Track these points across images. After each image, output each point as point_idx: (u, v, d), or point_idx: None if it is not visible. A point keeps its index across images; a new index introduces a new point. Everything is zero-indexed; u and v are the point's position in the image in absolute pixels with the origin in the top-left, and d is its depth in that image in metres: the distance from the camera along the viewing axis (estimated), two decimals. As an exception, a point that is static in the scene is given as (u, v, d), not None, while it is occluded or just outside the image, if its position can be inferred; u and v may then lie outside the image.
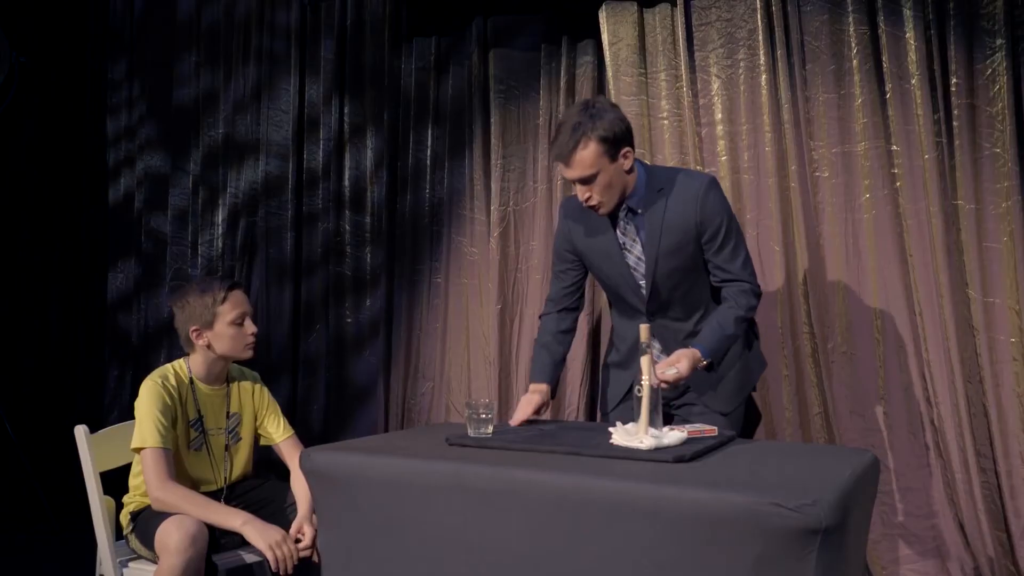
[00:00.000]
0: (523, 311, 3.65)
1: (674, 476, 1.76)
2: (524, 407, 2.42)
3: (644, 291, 2.47)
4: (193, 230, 4.28)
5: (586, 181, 2.31)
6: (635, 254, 2.45)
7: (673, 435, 2.00)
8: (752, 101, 3.29)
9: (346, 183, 4.07)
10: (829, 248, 3.20)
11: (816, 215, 3.22)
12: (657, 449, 1.93)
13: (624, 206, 2.42)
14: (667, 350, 2.44)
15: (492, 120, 3.71)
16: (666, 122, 3.40)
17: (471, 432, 2.17)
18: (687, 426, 2.13)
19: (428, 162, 3.90)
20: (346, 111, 4.08)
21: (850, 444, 3.09)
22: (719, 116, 3.33)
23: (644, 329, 2.03)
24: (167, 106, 4.38)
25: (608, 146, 2.27)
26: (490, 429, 2.17)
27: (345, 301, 4.04)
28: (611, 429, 2.06)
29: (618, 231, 2.46)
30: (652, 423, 2.00)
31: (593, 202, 2.35)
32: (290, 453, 2.69)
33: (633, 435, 1.99)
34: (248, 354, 2.61)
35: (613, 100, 3.41)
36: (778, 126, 3.24)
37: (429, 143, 3.91)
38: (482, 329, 3.72)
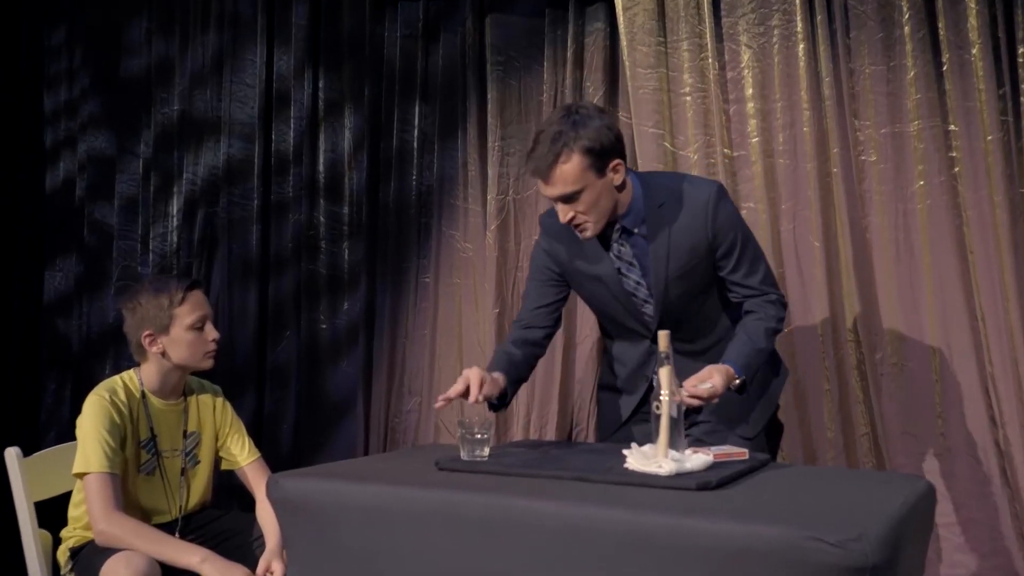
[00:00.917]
0: (524, 316, 3.66)
1: (698, 506, 1.76)
2: (461, 382, 2.27)
3: (650, 318, 2.49)
4: (144, 222, 4.28)
5: (568, 199, 2.30)
6: (634, 277, 2.47)
7: (697, 458, 2.00)
8: (788, 74, 3.29)
9: (320, 168, 4.07)
10: (877, 244, 3.21)
11: (862, 205, 3.22)
12: (678, 475, 1.94)
13: (617, 226, 2.42)
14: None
15: (489, 96, 3.72)
16: (688, 99, 3.40)
17: (464, 455, 2.18)
18: (713, 448, 2.13)
19: (415, 144, 3.91)
20: (321, 85, 4.08)
21: (902, 469, 3.10)
22: (749, 92, 3.33)
23: (663, 336, 2.04)
24: (114, 78, 4.38)
25: (594, 158, 2.26)
26: (486, 451, 2.18)
27: (319, 304, 4.04)
28: (625, 452, 2.06)
29: (612, 254, 2.46)
30: (673, 444, 2.01)
31: (578, 222, 2.34)
32: (256, 479, 2.69)
33: (651, 458, 1.99)
34: (208, 364, 2.61)
35: (629, 72, 3.43)
36: (818, 103, 3.24)
37: (416, 122, 3.91)
38: (477, 336, 3.73)
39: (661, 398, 2.01)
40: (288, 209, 4.09)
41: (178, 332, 2.56)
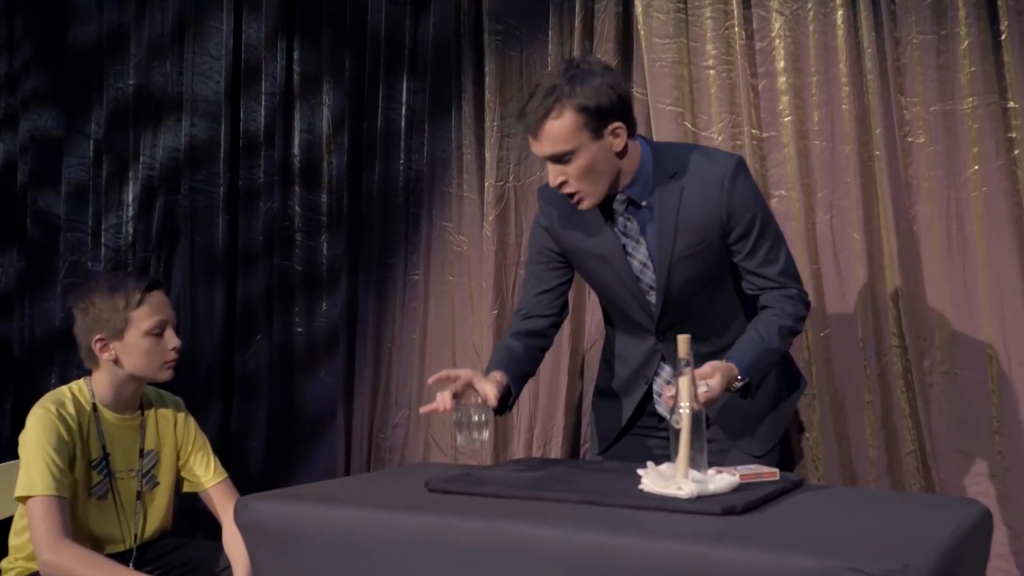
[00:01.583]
0: (526, 318, 3.66)
1: (723, 532, 1.76)
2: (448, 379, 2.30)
3: (654, 306, 2.49)
4: (95, 211, 4.29)
5: (558, 159, 2.32)
6: (640, 257, 2.48)
7: (721, 479, 2.00)
8: (824, 44, 3.29)
9: (295, 151, 4.08)
10: (926, 236, 3.21)
11: (908, 193, 3.23)
12: (700, 497, 1.94)
13: (622, 197, 2.43)
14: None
15: (487, 69, 3.72)
16: (712, 72, 3.40)
17: (462, 441, 2.18)
18: (739, 468, 2.14)
19: (403, 124, 3.91)
20: (296, 57, 4.08)
21: (953, 492, 3.10)
22: (781, 65, 3.34)
23: (683, 341, 2.04)
24: (60, 49, 4.39)
25: (589, 118, 2.29)
26: (486, 435, 2.20)
27: (294, 304, 4.04)
28: (640, 472, 2.06)
29: (616, 228, 2.47)
30: (694, 463, 2.01)
31: (569, 189, 2.36)
32: (222, 502, 2.70)
33: (669, 479, 2.00)
34: (166, 375, 2.62)
35: (644, 42, 3.43)
36: (858, 77, 3.24)
37: (404, 99, 3.92)
38: (472, 340, 3.73)
39: (681, 411, 2.02)
40: (258, 197, 4.09)
41: (134, 338, 2.56)
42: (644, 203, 2.43)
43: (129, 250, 4.21)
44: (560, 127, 2.28)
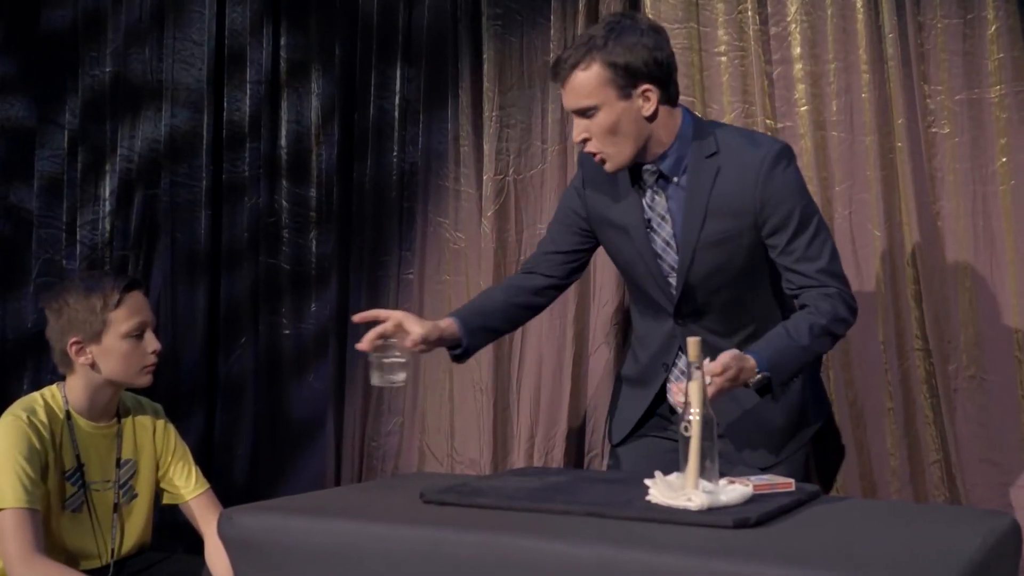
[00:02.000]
0: (527, 319, 3.67)
1: (734, 546, 1.77)
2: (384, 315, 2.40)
3: (674, 289, 2.49)
4: (70, 207, 4.29)
5: (582, 113, 2.37)
6: (663, 236, 2.49)
7: (734, 490, 2.01)
8: (843, 29, 3.30)
9: (282, 143, 4.08)
10: (950, 232, 3.21)
11: (932, 187, 3.23)
12: (712, 510, 1.94)
13: (652, 168, 2.44)
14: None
15: (485, 56, 3.72)
16: (724, 59, 3.41)
17: (375, 380, 2.25)
18: (752, 478, 2.14)
19: (396, 114, 3.91)
20: (283, 43, 4.08)
21: (981, 504, 3.10)
22: (797, 51, 3.34)
23: (693, 344, 2.04)
24: (32, 33, 4.38)
25: (617, 75, 2.33)
26: (402, 377, 2.27)
27: (281, 305, 4.04)
28: (648, 482, 2.07)
29: (644, 201, 2.48)
30: (704, 474, 2.02)
31: (591, 148, 2.40)
32: (205, 514, 2.70)
33: (679, 490, 2.00)
34: (145, 380, 2.62)
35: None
36: (880, 64, 3.25)
37: (398, 88, 3.92)
38: (470, 344, 3.73)
39: (690, 418, 2.02)
40: (243, 191, 4.09)
41: (112, 341, 2.57)
42: (676, 179, 2.44)
43: (106, 248, 4.21)
44: (585, 80, 2.33)
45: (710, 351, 2.39)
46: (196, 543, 2.74)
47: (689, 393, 2.03)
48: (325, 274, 4.00)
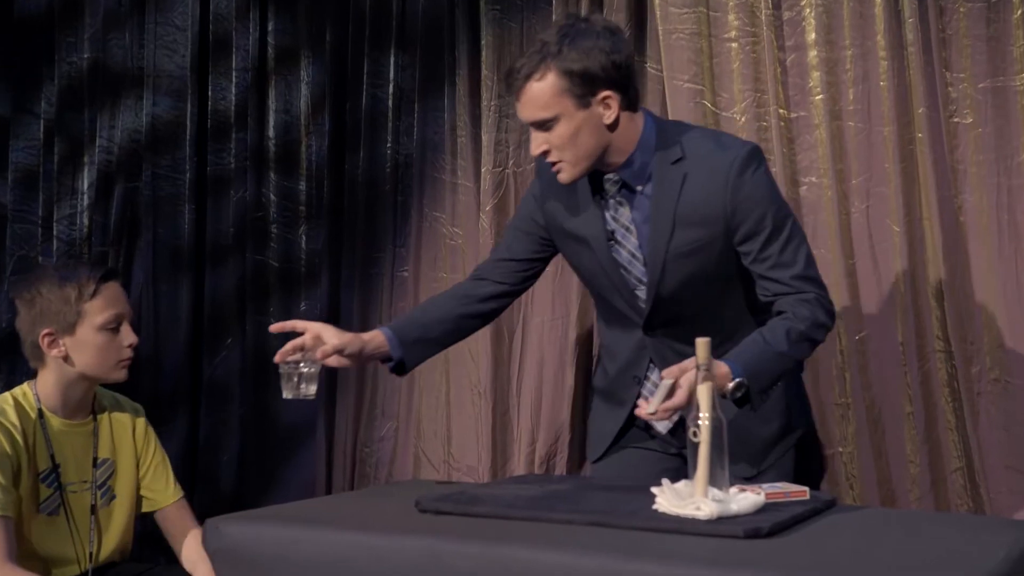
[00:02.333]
0: (527, 319, 3.67)
1: (746, 557, 1.78)
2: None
3: (643, 302, 2.50)
4: (46, 200, 4.29)
5: (540, 125, 2.35)
6: (628, 248, 2.48)
7: (744, 499, 2.01)
8: (860, 14, 3.30)
9: (270, 133, 4.08)
10: (973, 227, 3.21)
11: (954, 180, 3.23)
12: (722, 519, 1.95)
13: (615, 178, 2.44)
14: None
15: (483, 42, 3.73)
16: (735, 45, 3.41)
17: (285, 393, 2.28)
18: (764, 486, 2.15)
19: (390, 103, 3.92)
20: (270, 28, 4.09)
21: (1005, 513, 3.11)
22: (812, 37, 3.34)
23: (702, 344, 2.05)
24: (6, 19, 4.38)
25: (574, 83, 2.30)
26: (313, 389, 2.29)
27: (269, 304, 4.05)
28: (655, 490, 2.07)
29: (607, 212, 2.48)
30: (714, 481, 2.02)
31: (551, 159, 2.38)
32: (182, 523, 2.71)
33: (687, 498, 2.00)
34: (121, 374, 2.62)
35: (659, 12, 3.43)
36: (899, 50, 3.25)
37: (392, 76, 3.92)
38: (467, 345, 3.72)
39: (700, 422, 2.03)
40: (229, 184, 4.10)
41: (86, 333, 2.57)
42: (640, 188, 2.43)
43: (84, 243, 4.21)
44: (541, 90, 2.31)
45: (679, 360, 2.37)
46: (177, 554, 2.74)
47: (698, 396, 2.04)
48: (315, 271, 4.00)
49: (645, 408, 2.15)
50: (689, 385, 2.11)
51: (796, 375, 2.63)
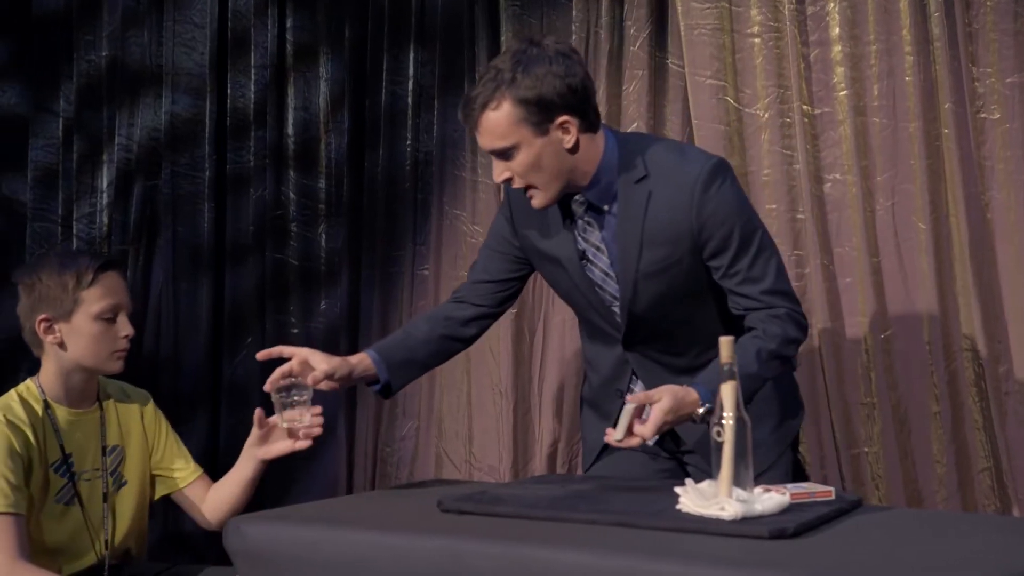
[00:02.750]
0: (548, 317, 3.67)
1: (770, 558, 1.78)
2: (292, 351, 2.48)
3: (619, 318, 2.51)
4: (65, 199, 4.31)
5: (501, 155, 2.36)
6: (601, 267, 2.49)
7: (769, 499, 2.01)
8: (885, 8, 3.29)
9: (289, 131, 4.09)
10: (1001, 225, 3.20)
11: (981, 176, 3.22)
12: (746, 519, 1.95)
13: (581, 199, 2.44)
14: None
15: (503, 39, 3.73)
16: (757, 40, 3.40)
17: (280, 422, 2.35)
18: (789, 486, 2.15)
19: (410, 100, 3.92)
20: (289, 25, 4.09)
21: (1032, 514, 3.11)
22: (836, 32, 3.33)
23: (725, 344, 2.05)
24: (24, 16, 4.41)
25: (529, 111, 2.30)
26: (307, 418, 2.35)
27: (289, 303, 4.06)
28: (678, 489, 2.08)
29: (577, 232, 2.48)
30: (738, 481, 2.02)
31: (516, 185, 2.39)
32: (203, 496, 2.74)
33: (711, 498, 2.01)
34: (116, 366, 2.63)
35: (680, 7, 3.43)
36: (924, 45, 3.24)
37: (411, 72, 3.93)
38: (488, 343, 3.74)
39: (724, 422, 2.03)
40: (248, 183, 4.11)
41: (82, 321, 2.57)
42: (607, 208, 2.43)
43: (104, 242, 4.23)
44: (496, 120, 2.31)
45: (662, 372, 2.47)
46: (200, 554, 2.75)
47: (722, 396, 2.04)
48: (335, 270, 4.01)
49: (612, 435, 2.20)
50: (655, 422, 2.19)
51: (788, 374, 2.63)
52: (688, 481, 2.09)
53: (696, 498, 2.02)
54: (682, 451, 2.57)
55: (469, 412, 3.77)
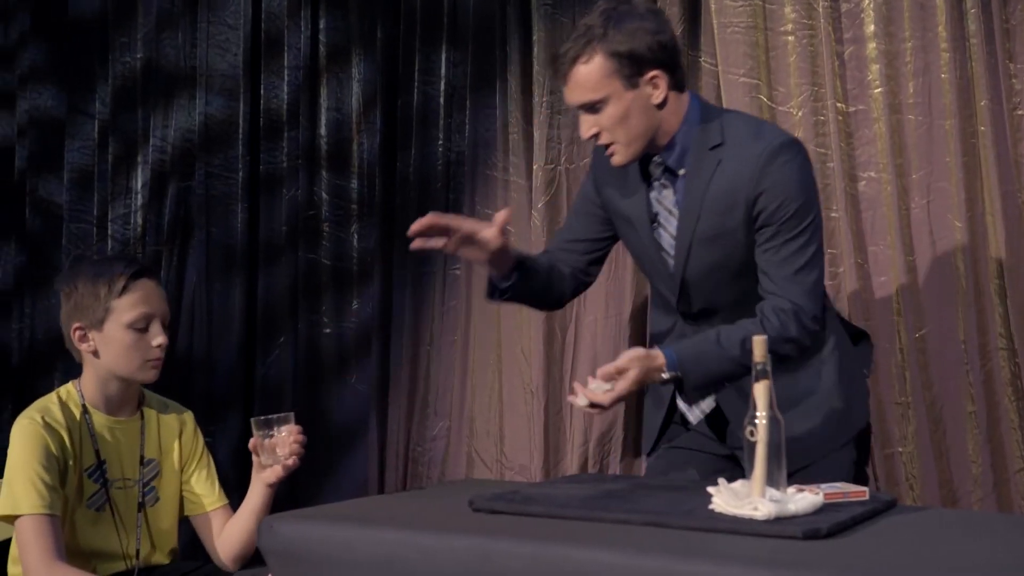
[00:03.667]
0: (580, 317, 3.67)
1: (804, 558, 1.77)
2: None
3: (675, 285, 2.52)
4: (101, 200, 4.34)
5: (590, 108, 2.38)
6: (670, 231, 2.50)
7: (803, 499, 2.00)
8: (920, 5, 3.27)
9: (322, 132, 4.10)
10: (1037, 223, 3.18)
11: (1018, 174, 3.20)
12: (779, 519, 1.94)
13: (659, 160, 2.45)
14: None
15: (535, 38, 3.73)
16: (791, 38, 3.39)
17: (262, 460, 2.44)
18: (823, 486, 2.14)
19: (441, 100, 3.93)
20: (322, 26, 4.11)
21: (1070, 515, 3.08)
22: (871, 29, 3.32)
23: (759, 343, 2.04)
24: (61, 19, 4.44)
25: (622, 64, 2.33)
26: (285, 451, 2.45)
27: (321, 303, 4.07)
28: (711, 490, 2.07)
29: (652, 194, 2.50)
30: (771, 480, 2.01)
31: (603, 140, 2.41)
32: (220, 527, 2.73)
33: (744, 498, 2.00)
34: (150, 375, 2.61)
35: (713, 5, 3.42)
36: (961, 42, 3.22)
37: (443, 72, 3.93)
38: (520, 344, 3.74)
39: (757, 421, 2.02)
40: (281, 183, 4.13)
41: (113, 330, 2.56)
42: (681, 172, 2.45)
43: (138, 243, 4.25)
44: (588, 73, 2.34)
45: None
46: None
47: (755, 395, 2.03)
48: (367, 270, 4.02)
49: (576, 401, 2.24)
50: (619, 392, 2.24)
51: (858, 372, 2.60)
52: (721, 480, 2.08)
53: (729, 498, 2.01)
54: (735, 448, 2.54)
55: (500, 412, 3.77)
